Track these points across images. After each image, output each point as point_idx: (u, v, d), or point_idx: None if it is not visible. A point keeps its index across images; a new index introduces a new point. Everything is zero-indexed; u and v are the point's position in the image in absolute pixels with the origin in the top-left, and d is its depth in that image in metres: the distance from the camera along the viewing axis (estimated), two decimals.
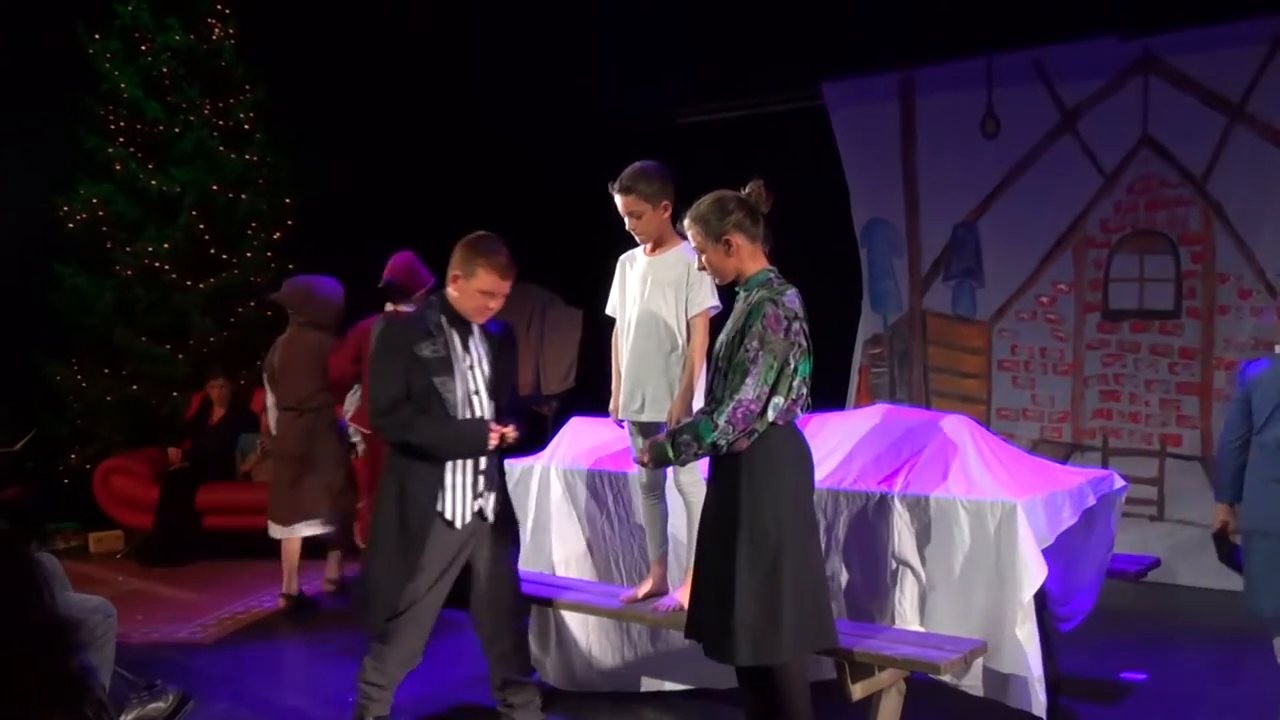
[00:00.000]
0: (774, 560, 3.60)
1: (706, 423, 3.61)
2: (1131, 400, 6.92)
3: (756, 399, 3.57)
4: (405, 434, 4.09)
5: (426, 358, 4.10)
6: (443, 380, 4.10)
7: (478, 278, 4.11)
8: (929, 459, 4.29)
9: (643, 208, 4.22)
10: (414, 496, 4.12)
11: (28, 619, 1.47)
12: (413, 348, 4.10)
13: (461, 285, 4.13)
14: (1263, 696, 4.73)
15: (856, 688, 3.84)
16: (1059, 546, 4.28)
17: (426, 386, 4.09)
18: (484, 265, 4.10)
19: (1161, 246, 6.82)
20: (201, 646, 5.93)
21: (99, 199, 8.82)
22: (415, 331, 4.14)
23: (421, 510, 4.12)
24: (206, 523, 8.03)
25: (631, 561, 4.86)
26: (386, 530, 4.15)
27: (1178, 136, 6.71)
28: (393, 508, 4.14)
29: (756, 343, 3.58)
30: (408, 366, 4.09)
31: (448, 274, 4.18)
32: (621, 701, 4.92)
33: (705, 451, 3.65)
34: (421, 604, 4.18)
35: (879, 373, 7.91)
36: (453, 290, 4.16)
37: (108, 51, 8.89)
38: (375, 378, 4.20)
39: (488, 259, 4.11)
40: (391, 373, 4.11)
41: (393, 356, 4.13)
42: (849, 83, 7.85)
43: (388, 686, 4.30)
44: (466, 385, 4.14)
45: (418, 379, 4.09)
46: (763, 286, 3.70)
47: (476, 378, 4.18)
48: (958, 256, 7.56)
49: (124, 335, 8.80)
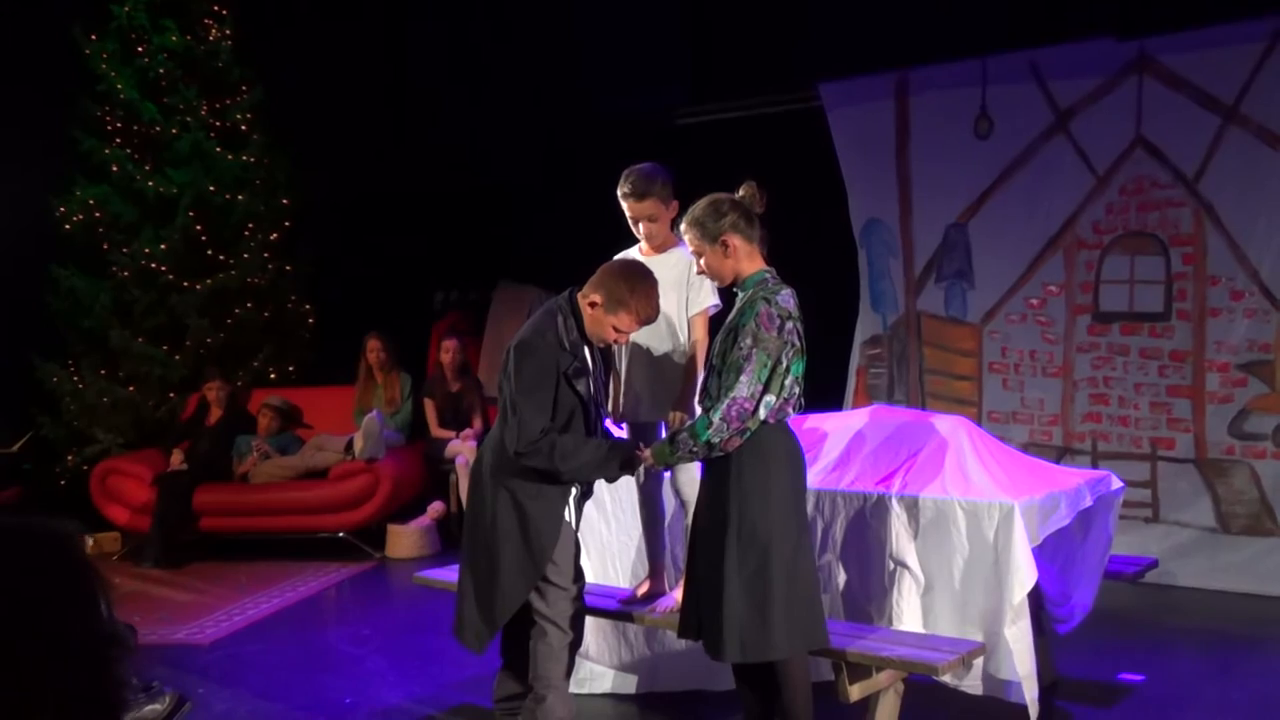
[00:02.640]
0: (763, 559, 3.62)
1: (703, 420, 3.64)
2: (1120, 404, 6.91)
3: (750, 397, 3.59)
4: (555, 462, 3.88)
5: (573, 372, 3.94)
6: (584, 390, 3.97)
7: (619, 318, 3.95)
8: (926, 460, 4.30)
9: (658, 211, 4.21)
10: (537, 514, 3.97)
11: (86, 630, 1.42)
12: (561, 368, 3.92)
13: (598, 314, 3.96)
14: (1261, 698, 4.75)
15: (854, 689, 3.84)
16: (1057, 548, 4.30)
17: (568, 399, 3.93)
18: (629, 312, 3.94)
19: (1152, 248, 6.81)
20: (198, 648, 5.92)
21: (95, 200, 8.82)
22: (559, 349, 3.94)
23: (550, 526, 3.99)
24: (204, 524, 8.02)
25: (628, 562, 4.87)
26: (510, 552, 3.97)
27: (1171, 137, 6.70)
28: (514, 528, 3.97)
29: (750, 340, 3.60)
30: (559, 390, 3.92)
31: (587, 290, 3.99)
32: (619, 702, 4.92)
33: (702, 450, 3.66)
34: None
35: (877, 373, 7.90)
36: (587, 309, 3.98)
37: (104, 53, 8.89)
38: (529, 401, 3.89)
39: (636, 304, 3.93)
40: (545, 400, 3.90)
41: (547, 378, 3.91)
42: (845, 83, 7.84)
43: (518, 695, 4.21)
44: (590, 393, 4.03)
45: (566, 395, 3.92)
46: (758, 286, 3.72)
47: (594, 386, 4.07)
48: (949, 258, 7.55)
49: (121, 337, 8.79)
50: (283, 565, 7.68)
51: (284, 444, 8.36)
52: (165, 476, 8.03)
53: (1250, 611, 6.05)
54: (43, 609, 1.39)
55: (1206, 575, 6.41)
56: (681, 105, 8.60)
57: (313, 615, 6.69)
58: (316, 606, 6.86)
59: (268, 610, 6.64)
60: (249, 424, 8.49)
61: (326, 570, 7.55)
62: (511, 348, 4.00)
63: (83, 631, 1.42)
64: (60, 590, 1.42)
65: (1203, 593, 6.35)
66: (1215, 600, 6.26)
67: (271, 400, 8.56)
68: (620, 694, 4.96)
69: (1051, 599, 4.45)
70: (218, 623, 6.38)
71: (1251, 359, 6.48)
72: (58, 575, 1.43)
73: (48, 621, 1.38)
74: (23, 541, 1.43)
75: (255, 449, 8.22)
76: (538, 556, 3.97)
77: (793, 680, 3.73)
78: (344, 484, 7.94)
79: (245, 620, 6.43)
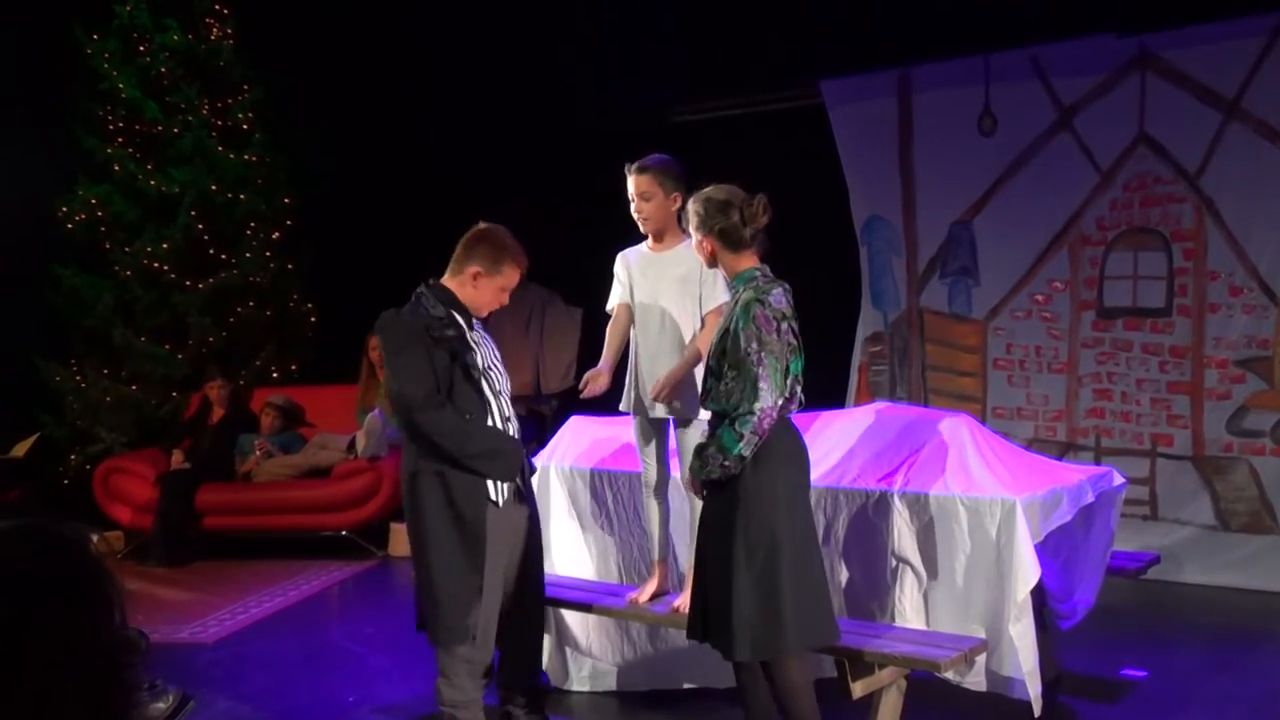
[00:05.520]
0: (771, 556, 3.60)
1: (729, 434, 3.60)
2: (1124, 399, 6.91)
3: (774, 405, 3.58)
4: (450, 437, 3.94)
5: (449, 336, 4.00)
6: (469, 356, 4.02)
7: (504, 274, 4.14)
8: (929, 457, 4.30)
9: (655, 191, 4.23)
10: (461, 487, 4.00)
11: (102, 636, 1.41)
12: (430, 332, 3.99)
13: (484, 281, 4.12)
14: (1263, 694, 4.75)
15: (857, 686, 3.84)
16: (1059, 544, 4.29)
17: (450, 366, 3.98)
18: (510, 261, 4.15)
19: (1155, 244, 6.81)
20: (202, 647, 5.93)
21: (97, 199, 8.82)
22: (421, 318, 4.03)
23: (475, 501, 4.01)
24: (206, 523, 8.03)
25: (630, 561, 4.87)
26: (440, 531, 4.01)
27: (1173, 133, 6.69)
28: (441, 506, 4.00)
29: (755, 345, 3.58)
30: (430, 352, 3.97)
31: (459, 269, 4.16)
32: (622, 701, 4.93)
33: (734, 464, 3.61)
34: (489, 603, 4.08)
35: (879, 370, 7.90)
36: (468, 286, 4.13)
37: (106, 52, 8.89)
38: (403, 370, 3.99)
39: (513, 255, 4.15)
40: (417, 361, 3.95)
41: (414, 343, 3.98)
42: (847, 80, 7.84)
43: (472, 702, 4.15)
44: (482, 360, 4.10)
45: (442, 359, 3.97)
46: (749, 285, 3.71)
47: (489, 355, 4.15)
48: (954, 254, 7.55)
49: (123, 336, 8.80)
50: (285, 564, 7.68)
51: (286, 443, 8.37)
52: (168, 475, 8.03)
53: (1252, 608, 6.05)
54: (62, 613, 1.38)
55: (1207, 572, 6.41)
56: (682, 102, 8.59)
57: (315, 614, 6.69)
58: (319, 605, 6.87)
59: (270, 609, 6.64)
60: (251, 423, 8.49)
61: (329, 569, 7.55)
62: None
63: (99, 636, 1.41)
64: (78, 595, 1.41)
65: (1205, 589, 6.35)
66: (1217, 596, 6.26)
67: (274, 399, 8.57)
68: (624, 692, 4.97)
69: (1054, 595, 4.45)
70: (220, 621, 6.38)
71: (1250, 355, 6.47)
72: (76, 579, 1.42)
73: (67, 626, 1.38)
74: (41, 545, 1.43)
75: (258, 448, 8.22)
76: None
77: (789, 679, 3.72)
78: (347, 483, 7.94)
79: (248, 619, 6.44)
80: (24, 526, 1.43)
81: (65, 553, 1.44)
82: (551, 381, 8.93)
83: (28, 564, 1.40)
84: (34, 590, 1.37)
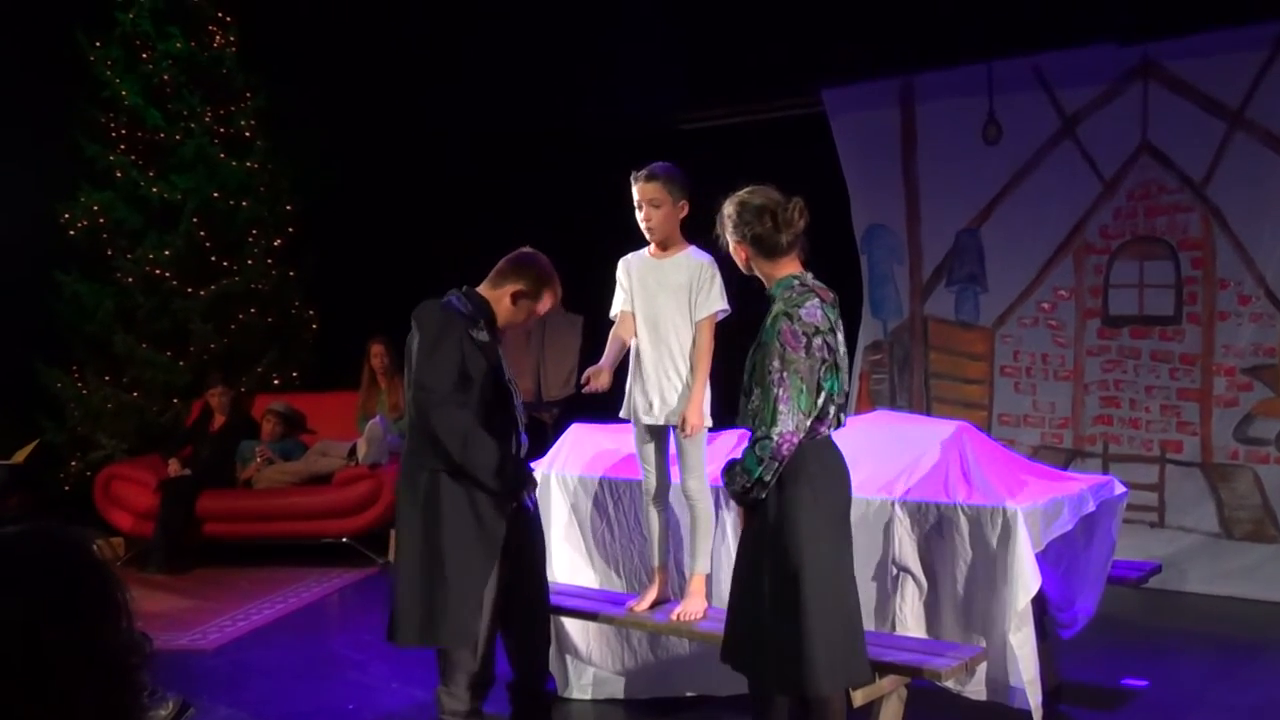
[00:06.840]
0: (795, 588, 3.43)
1: (751, 457, 3.46)
2: (1132, 406, 6.91)
3: (796, 429, 3.41)
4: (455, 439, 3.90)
5: (486, 341, 4.03)
6: (496, 365, 4.03)
7: (542, 300, 4.15)
8: (929, 465, 4.29)
9: (664, 199, 4.22)
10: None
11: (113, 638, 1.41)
12: (469, 330, 3.99)
13: (523, 302, 4.12)
14: (1265, 703, 4.73)
15: (857, 694, 3.83)
16: (1060, 553, 4.28)
17: (485, 370, 3.98)
18: (550, 291, 4.16)
19: (1161, 252, 6.81)
20: (202, 653, 5.92)
21: (99, 206, 8.82)
22: (464, 318, 4.02)
23: (498, 504, 3.98)
24: (207, 530, 8.01)
25: (632, 568, 4.86)
26: (459, 531, 3.94)
27: (1177, 142, 6.69)
28: (464, 505, 3.94)
29: (777, 364, 3.42)
30: (465, 349, 3.96)
31: (500, 282, 4.13)
32: (624, 708, 4.92)
33: (757, 488, 3.46)
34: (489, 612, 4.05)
35: (879, 379, 7.90)
36: (505, 301, 4.11)
37: (108, 59, 8.89)
38: (432, 363, 3.92)
39: (555, 286, 4.18)
40: (452, 356, 3.93)
41: (451, 338, 3.95)
42: (849, 89, 7.84)
43: (471, 712, 4.12)
44: (507, 370, 4.13)
45: (477, 362, 3.96)
46: (783, 295, 3.56)
47: (508, 366, 4.16)
48: (961, 262, 7.55)
49: (124, 342, 8.80)
50: (286, 571, 7.67)
51: (287, 449, 8.36)
52: (169, 482, 8.03)
53: (1253, 617, 6.04)
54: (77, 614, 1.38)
55: (1210, 581, 6.40)
56: (684, 109, 8.59)
57: (316, 621, 6.68)
58: (320, 612, 6.86)
59: (271, 616, 6.63)
60: (252, 429, 8.49)
61: (330, 576, 7.54)
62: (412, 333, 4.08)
63: (111, 638, 1.41)
64: (91, 596, 1.41)
65: (1206, 598, 6.34)
66: (1219, 606, 6.25)
67: (275, 406, 8.57)
68: (626, 699, 4.96)
69: (1055, 604, 4.44)
70: (221, 628, 6.38)
71: (1257, 363, 6.48)
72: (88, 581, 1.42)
73: (80, 629, 1.38)
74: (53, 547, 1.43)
75: (259, 454, 8.22)
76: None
77: (834, 709, 3.61)
78: (347, 489, 7.93)
79: (248, 626, 6.43)
80: (33, 529, 1.43)
81: (76, 555, 1.44)
82: (552, 389, 8.92)
83: (42, 565, 1.40)
84: (50, 591, 1.37)
